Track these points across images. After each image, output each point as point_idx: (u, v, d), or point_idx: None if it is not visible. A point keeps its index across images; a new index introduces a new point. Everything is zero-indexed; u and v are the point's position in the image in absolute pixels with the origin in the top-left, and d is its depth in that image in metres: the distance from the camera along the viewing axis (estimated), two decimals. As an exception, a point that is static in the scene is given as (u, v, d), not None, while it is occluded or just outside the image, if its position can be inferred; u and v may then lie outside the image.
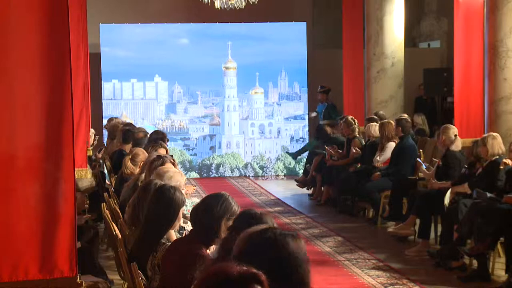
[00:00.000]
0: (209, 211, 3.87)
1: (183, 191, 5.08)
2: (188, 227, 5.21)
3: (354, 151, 10.74)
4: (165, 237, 4.43)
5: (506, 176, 7.22)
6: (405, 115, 10.44)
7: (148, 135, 9.17)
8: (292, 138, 15.10)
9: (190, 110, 14.90)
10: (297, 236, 2.44)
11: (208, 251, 3.85)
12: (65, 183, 3.85)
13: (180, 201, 4.47)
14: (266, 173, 14.61)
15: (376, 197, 9.57)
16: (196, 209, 4.01)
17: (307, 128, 14.98)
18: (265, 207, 10.97)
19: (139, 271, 4.11)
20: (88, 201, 7.46)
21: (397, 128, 9.61)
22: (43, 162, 3.84)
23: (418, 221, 8.36)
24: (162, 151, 7.28)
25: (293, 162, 14.65)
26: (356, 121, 11.16)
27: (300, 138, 15.01)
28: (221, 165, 14.71)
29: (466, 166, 8.04)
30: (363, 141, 10.99)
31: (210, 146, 14.95)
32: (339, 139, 11.80)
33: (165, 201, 4.43)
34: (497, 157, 7.43)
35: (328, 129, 12.39)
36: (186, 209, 5.18)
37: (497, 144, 7.50)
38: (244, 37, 14.84)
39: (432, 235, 8.39)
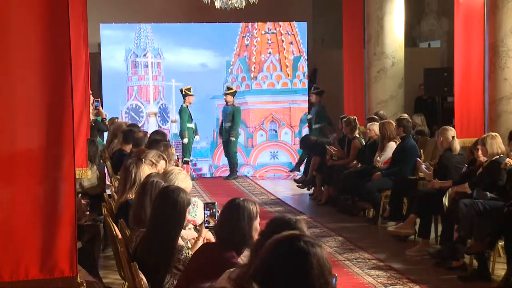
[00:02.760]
0: (234, 226, 3.84)
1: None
2: (190, 231, 5.21)
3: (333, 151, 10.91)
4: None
5: (507, 176, 7.22)
6: (405, 115, 10.45)
7: (148, 135, 9.19)
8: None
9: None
10: (321, 245, 2.40)
11: (240, 259, 3.84)
12: (65, 183, 3.85)
13: (186, 202, 4.47)
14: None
15: (377, 197, 9.57)
16: (219, 225, 3.99)
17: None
18: (265, 207, 10.97)
19: (139, 271, 4.12)
20: (88, 202, 7.47)
21: (399, 129, 9.61)
22: (43, 162, 3.84)
23: (418, 220, 8.37)
24: (173, 151, 7.33)
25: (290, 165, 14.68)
26: (356, 121, 11.16)
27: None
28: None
29: (467, 165, 8.04)
30: (363, 141, 10.99)
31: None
32: (325, 142, 11.83)
33: (171, 203, 4.43)
34: (497, 156, 7.43)
35: (312, 138, 12.44)
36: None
37: (496, 143, 7.50)
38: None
39: (432, 235, 8.39)
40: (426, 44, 17.31)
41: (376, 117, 11.29)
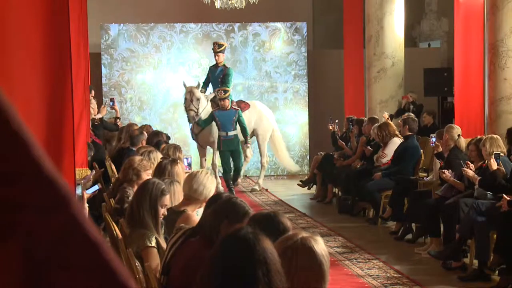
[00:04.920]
0: (214, 216, 3.83)
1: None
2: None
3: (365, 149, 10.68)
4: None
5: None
6: (412, 114, 10.44)
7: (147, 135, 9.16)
8: None
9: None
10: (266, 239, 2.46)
11: None
12: (65, 183, 3.85)
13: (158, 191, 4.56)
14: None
15: (377, 197, 9.57)
16: (202, 222, 3.99)
17: None
18: (266, 207, 10.97)
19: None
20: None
21: (404, 127, 9.58)
22: (43, 162, 3.84)
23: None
24: (181, 155, 7.33)
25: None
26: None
27: None
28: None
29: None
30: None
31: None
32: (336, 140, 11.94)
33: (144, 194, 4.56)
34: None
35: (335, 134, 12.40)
36: None
37: (490, 144, 7.43)
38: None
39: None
40: (426, 44, 17.30)
41: (377, 117, 11.31)
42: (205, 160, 12.39)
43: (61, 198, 1.00)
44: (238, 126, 11.92)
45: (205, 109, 11.91)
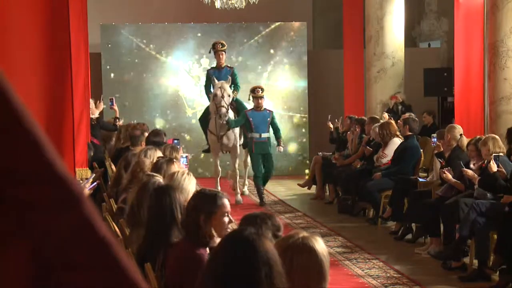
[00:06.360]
0: (190, 215, 3.81)
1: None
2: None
3: (366, 149, 10.58)
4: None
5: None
6: (412, 114, 10.44)
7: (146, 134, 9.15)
8: None
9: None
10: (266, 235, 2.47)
11: (206, 251, 3.77)
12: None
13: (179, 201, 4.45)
14: None
15: (377, 197, 9.57)
16: (186, 211, 3.97)
17: None
18: (265, 207, 10.96)
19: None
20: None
21: (404, 127, 9.58)
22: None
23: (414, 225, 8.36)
24: (177, 155, 7.31)
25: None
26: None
27: None
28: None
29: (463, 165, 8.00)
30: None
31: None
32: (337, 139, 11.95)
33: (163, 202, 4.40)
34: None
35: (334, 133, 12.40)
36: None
37: (489, 144, 7.43)
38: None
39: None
40: (426, 44, 17.31)
41: (377, 117, 11.31)
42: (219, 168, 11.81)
43: (72, 198, 1.00)
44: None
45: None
